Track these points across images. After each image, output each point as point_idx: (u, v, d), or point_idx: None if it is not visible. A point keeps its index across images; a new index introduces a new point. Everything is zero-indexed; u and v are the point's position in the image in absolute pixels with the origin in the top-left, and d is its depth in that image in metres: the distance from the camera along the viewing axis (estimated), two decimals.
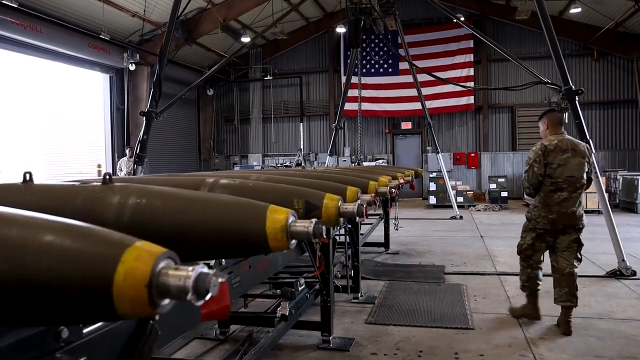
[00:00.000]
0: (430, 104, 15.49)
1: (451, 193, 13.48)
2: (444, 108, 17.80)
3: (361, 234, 6.46)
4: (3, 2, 10.39)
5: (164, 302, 1.05)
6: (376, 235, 8.26)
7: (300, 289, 3.64)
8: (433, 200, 15.61)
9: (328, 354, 3.92)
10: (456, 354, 3.86)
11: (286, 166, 16.78)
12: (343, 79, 16.48)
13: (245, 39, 17.89)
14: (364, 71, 17.85)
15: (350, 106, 16.26)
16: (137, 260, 1.03)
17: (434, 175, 15.83)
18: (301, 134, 19.58)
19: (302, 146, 19.48)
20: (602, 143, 17.11)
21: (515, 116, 17.88)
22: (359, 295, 5.41)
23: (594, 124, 17.09)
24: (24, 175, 1.90)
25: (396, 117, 18.78)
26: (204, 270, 1.04)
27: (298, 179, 3.23)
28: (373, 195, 3.09)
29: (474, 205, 15.14)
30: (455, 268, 6.92)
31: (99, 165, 14.11)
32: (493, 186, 15.89)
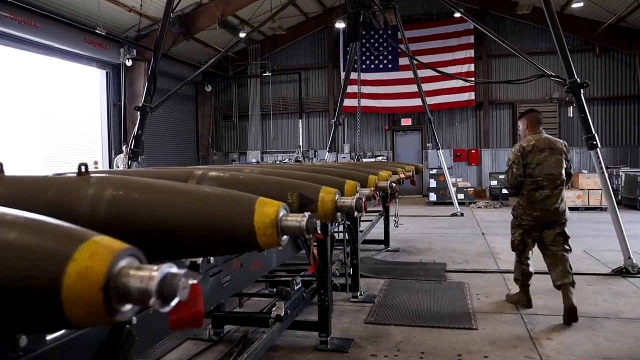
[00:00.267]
0: (430, 100, 15.31)
1: (452, 190, 13.32)
2: (445, 104, 17.63)
3: (360, 231, 6.30)
4: None
5: (124, 308, 0.89)
6: (376, 232, 8.11)
7: (296, 288, 3.49)
8: (433, 197, 15.45)
9: (326, 356, 3.76)
10: (459, 355, 3.70)
11: (284, 163, 16.61)
12: (342, 75, 16.29)
13: (243, 34, 17.74)
14: (363, 67, 17.70)
15: (349, 102, 16.10)
16: (93, 258, 0.87)
17: (434, 172, 15.66)
18: (300, 130, 19.42)
19: (301, 143, 19.32)
20: (604, 139, 16.93)
21: (516, 112, 17.65)
22: (358, 294, 5.25)
23: (595, 121, 16.89)
24: None
25: (396, 114, 18.61)
26: (171, 271, 0.88)
27: (294, 172, 3.07)
28: (373, 189, 2.93)
29: (474, 202, 14.98)
30: (456, 266, 6.76)
31: (96, 162, 13.93)
32: (494, 183, 15.72)
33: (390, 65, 18.27)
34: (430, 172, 15.82)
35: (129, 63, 14.78)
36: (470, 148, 18.14)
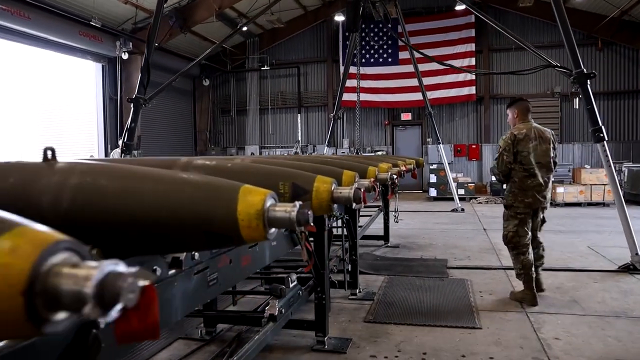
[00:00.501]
0: (431, 95, 15.09)
1: (452, 185, 13.12)
2: (445, 99, 17.42)
3: (360, 226, 6.12)
4: None
5: (56, 317, 0.70)
6: (375, 227, 7.92)
7: (291, 285, 3.29)
8: (434, 192, 15.26)
9: (322, 357, 3.58)
10: (463, 356, 3.52)
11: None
12: (341, 69, 16.08)
13: (241, 26, 17.49)
14: (363, 61, 17.46)
15: (349, 97, 15.91)
16: (13, 253, 0.67)
17: (435, 167, 15.46)
18: (299, 125, 19.20)
19: (300, 138, 19.10)
20: (607, 134, 16.67)
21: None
22: (357, 291, 5.06)
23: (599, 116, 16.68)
24: None
25: (396, 108, 18.38)
26: (115, 269, 0.68)
27: (289, 162, 2.88)
28: (372, 180, 2.73)
29: (475, 198, 14.80)
30: (458, 262, 6.58)
31: (92, 157, 13.74)
32: (494, 178, 15.51)
33: (390, 59, 18.04)
34: (431, 168, 15.62)
35: (125, 56, 14.54)
36: (471, 143, 17.93)
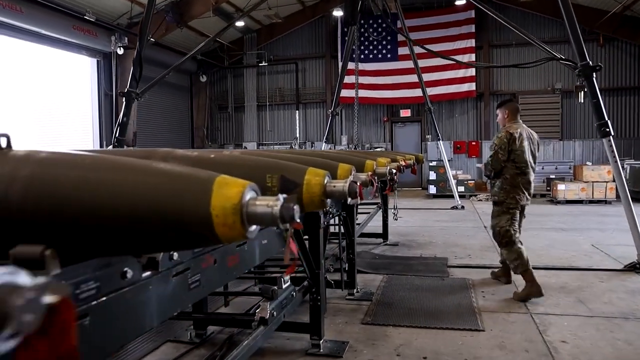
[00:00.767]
0: (430, 91, 14.85)
1: (452, 182, 12.94)
2: (445, 95, 17.24)
3: (357, 224, 5.94)
4: None
5: None
6: (374, 225, 7.73)
7: (284, 286, 3.10)
8: (433, 189, 15.07)
9: None
10: None
11: None
12: (340, 64, 15.88)
13: (239, 24, 17.29)
14: (362, 57, 17.28)
15: (347, 93, 15.71)
16: None
17: (434, 164, 15.27)
18: (297, 121, 19.00)
19: (298, 134, 18.90)
20: None
21: (518, 103, 17.28)
22: (355, 291, 4.87)
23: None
24: None
25: (395, 105, 18.20)
26: (10, 280, 0.50)
27: (281, 155, 2.69)
28: (370, 174, 2.55)
29: (475, 195, 14.62)
30: (459, 261, 6.39)
31: None
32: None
33: (389, 55, 17.84)
34: (430, 165, 15.43)
35: (120, 51, 14.33)
36: (471, 140, 17.76)
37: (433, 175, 15.11)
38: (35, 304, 0.50)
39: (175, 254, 1.83)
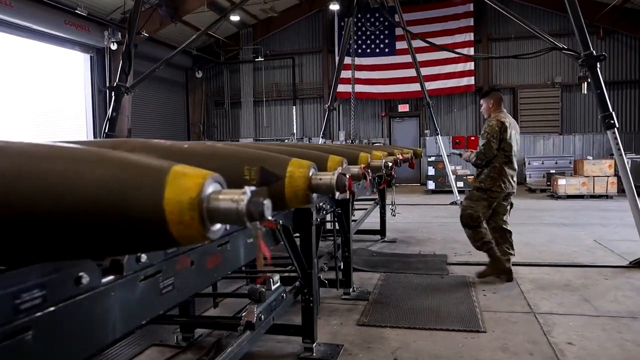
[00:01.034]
0: (429, 85, 14.66)
1: (451, 177, 12.76)
2: (443, 89, 17.03)
3: (354, 220, 5.75)
4: None
5: None
6: (371, 221, 7.55)
7: (274, 287, 2.91)
8: (432, 185, 14.89)
9: None
10: None
11: None
12: (337, 59, 15.66)
13: (235, 18, 17.06)
14: (359, 52, 17.07)
15: (345, 88, 15.48)
16: None
17: (433, 159, 15.08)
18: (294, 117, 18.78)
19: (295, 130, 18.69)
20: None
21: (517, 98, 17.10)
22: (351, 290, 4.68)
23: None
24: None
25: (393, 100, 18.00)
26: None
27: (269, 146, 2.50)
28: (363, 166, 2.35)
29: None
30: (459, 258, 6.21)
31: None
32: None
33: (387, 50, 17.62)
34: (429, 160, 15.23)
35: (114, 47, 14.08)
36: (470, 135, 17.55)
37: (432, 171, 14.93)
38: None
39: (143, 255, 1.64)
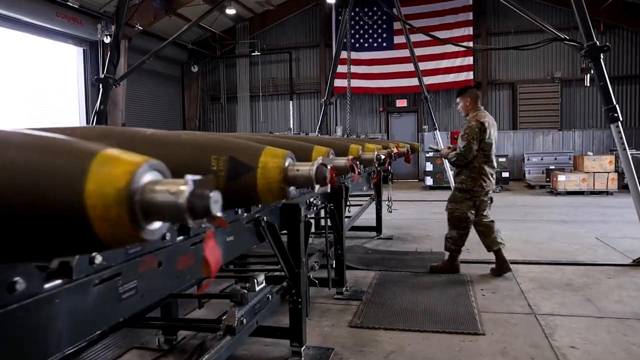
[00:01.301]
0: (427, 80, 14.44)
1: (449, 173, 12.55)
2: (442, 84, 16.83)
3: (348, 217, 5.57)
4: None
5: None
6: (367, 218, 7.36)
7: (258, 288, 2.72)
8: (429, 181, 14.70)
9: None
10: None
11: None
12: (334, 53, 15.46)
13: (231, 11, 16.82)
14: (357, 46, 16.88)
15: (341, 82, 15.29)
16: None
17: (431, 154, 14.88)
18: (291, 112, 18.57)
19: (292, 125, 18.48)
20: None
21: (517, 93, 16.91)
22: (344, 289, 4.50)
23: (599, 101, 16.12)
24: None
25: (391, 95, 17.79)
26: None
27: (250, 136, 2.30)
28: (351, 158, 2.16)
29: None
30: None
31: None
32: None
33: (384, 44, 17.41)
34: (427, 155, 15.04)
35: (107, 40, 13.82)
36: None
37: (429, 166, 14.74)
38: None
39: (98, 256, 1.44)
